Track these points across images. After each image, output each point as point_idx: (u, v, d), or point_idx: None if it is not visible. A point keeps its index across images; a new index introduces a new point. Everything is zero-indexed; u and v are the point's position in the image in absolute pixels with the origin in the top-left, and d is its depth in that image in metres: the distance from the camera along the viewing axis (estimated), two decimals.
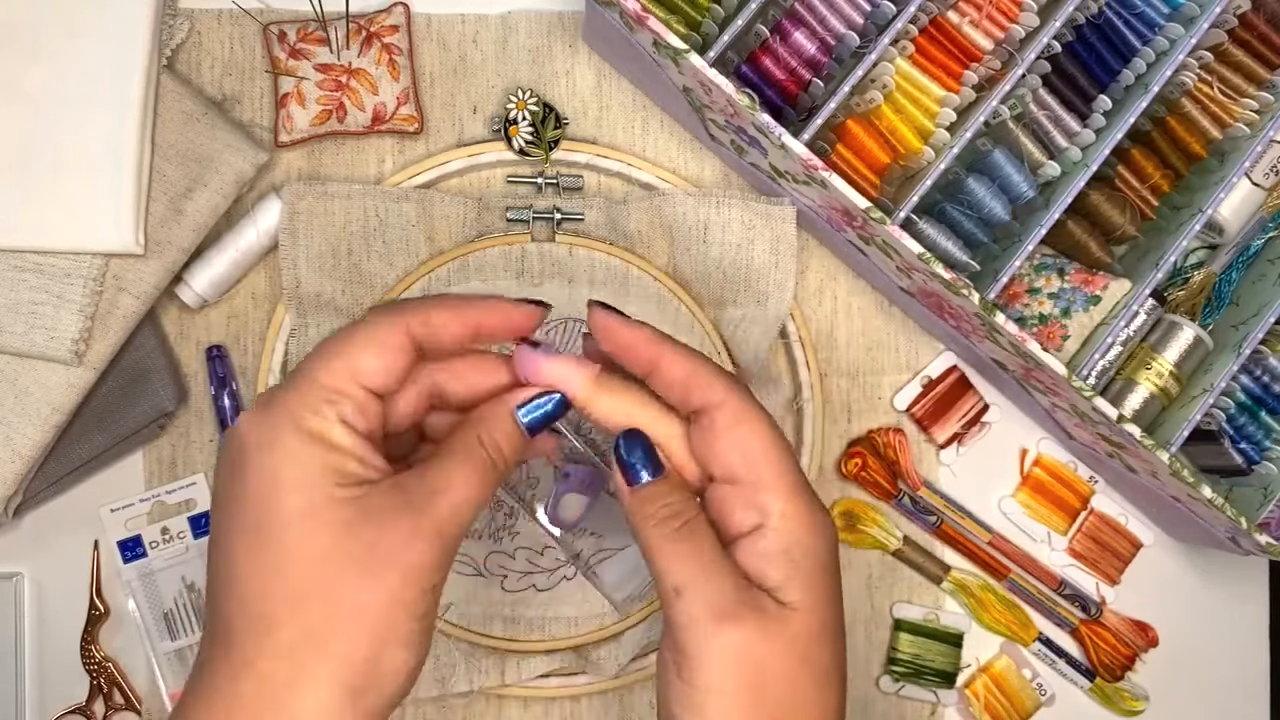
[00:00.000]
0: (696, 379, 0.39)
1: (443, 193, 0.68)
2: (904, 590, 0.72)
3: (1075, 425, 0.68)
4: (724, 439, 0.38)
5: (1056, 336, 0.67)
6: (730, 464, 0.38)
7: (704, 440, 0.39)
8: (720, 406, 0.39)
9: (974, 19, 0.64)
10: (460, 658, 0.65)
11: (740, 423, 0.38)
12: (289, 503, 0.34)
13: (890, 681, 0.71)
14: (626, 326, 0.40)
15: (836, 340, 0.72)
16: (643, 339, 0.40)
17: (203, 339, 0.68)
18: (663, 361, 0.40)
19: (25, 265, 0.62)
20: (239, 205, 0.67)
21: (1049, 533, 0.73)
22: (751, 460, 0.38)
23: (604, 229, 0.68)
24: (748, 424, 0.38)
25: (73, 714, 0.66)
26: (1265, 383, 0.68)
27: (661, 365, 0.40)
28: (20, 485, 0.63)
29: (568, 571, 0.66)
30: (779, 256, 0.68)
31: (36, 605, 0.67)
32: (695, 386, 0.39)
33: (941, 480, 0.73)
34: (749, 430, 0.38)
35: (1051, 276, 0.69)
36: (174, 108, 0.65)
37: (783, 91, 0.65)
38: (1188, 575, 0.74)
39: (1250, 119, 0.66)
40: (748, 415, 0.39)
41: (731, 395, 0.39)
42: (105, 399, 0.65)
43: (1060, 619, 0.72)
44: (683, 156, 0.71)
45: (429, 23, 0.70)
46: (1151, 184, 0.68)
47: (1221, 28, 0.65)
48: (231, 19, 0.69)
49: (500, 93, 0.70)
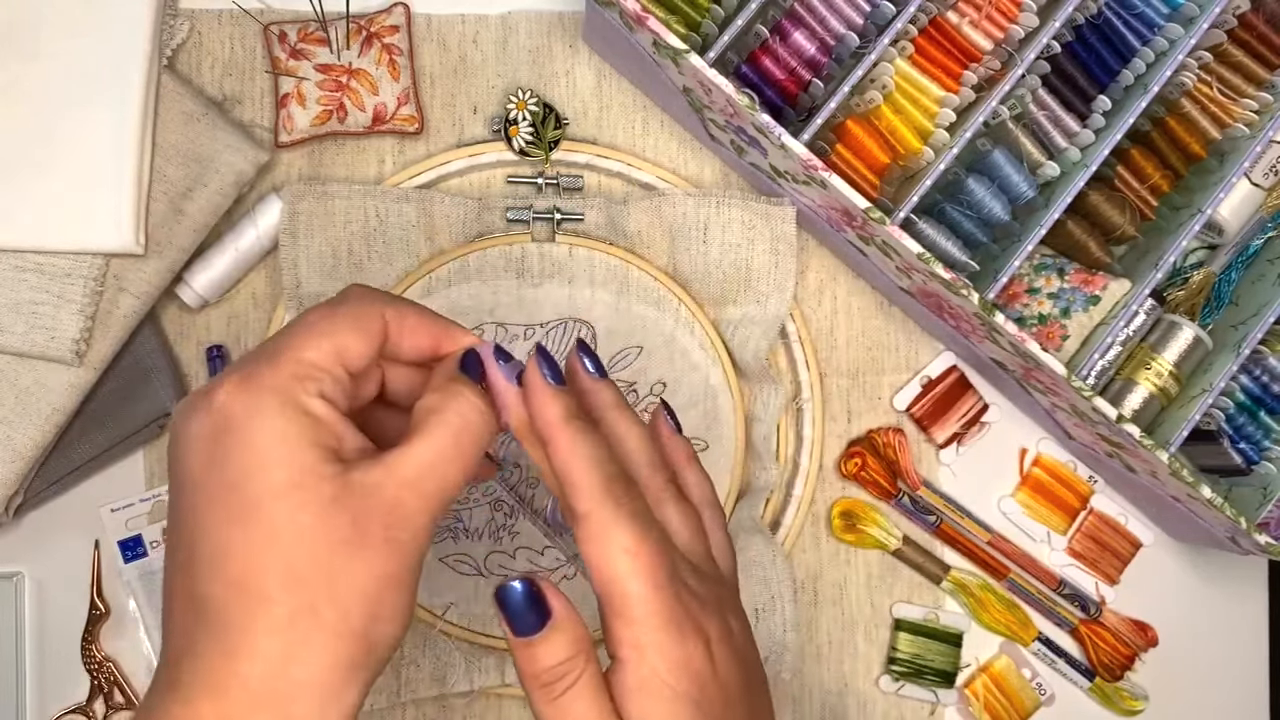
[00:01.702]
0: (569, 482, 0.37)
1: (443, 193, 0.68)
2: (904, 590, 0.72)
3: (1075, 425, 0.68)
4: (587, 552, 0.36)
5: (1056, 336, 0.67)
6: (594, 582, 0.36)
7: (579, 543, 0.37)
8: (585, 518, 0.36)
9: (973, 19, 0.64)
10: (460, 658, 0.66)
11: (597, 540, 0.36)
12: (277, 477, 0.34)
13: (890, 681, 0.71)
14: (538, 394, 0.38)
15: (836, 340, 0.72)
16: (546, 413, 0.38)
17: (203, 339, 0.68)
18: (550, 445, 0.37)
19: (25, 265, 0.62)
20: (239, 205, 0.68)
21: (1048, 532, 0.73)
22: (609, 584, 0.36)
23: (604, 229, 0.68)
24: (606, 544, 0.36)
25: (73, 714, 0.66)
26: (1264, 383, 0.68)
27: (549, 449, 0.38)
28: (21, 485, 0.64)
29: (568, 571, 0.66)
30: (779, 256, 0.68)
31: (37, 605, 0.67)
32: (566, 488, 0.37)
33: (941, 480, 0.73)
34: (607, 552, 0.36)
35: (1051, 276, 0.69)
36: (174, 108, 0.65)
37: (782, 91, 0.65)
38: (1187, 575, 0.74)
39: (1249, 119, 0.66)
40: (606, 535, 0.36)
41: (596, 508, 0.36)
42: (105, 399, 0.65)
43: (1060, 619, 0.73)
44: (683, 156, 0.71)
45: (429, 23, 0.70)
46: (1151, 184, 0.68)
47: (1221, 28, 0.66)
48: (232, 19, 0.69)
49: (500, 93, 0.71)
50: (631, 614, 0.36)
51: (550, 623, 0.36)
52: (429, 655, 0.65)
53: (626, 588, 0.36)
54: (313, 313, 0.37)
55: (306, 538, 0.34)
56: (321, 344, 0.36)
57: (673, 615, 0.36)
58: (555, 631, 0.36)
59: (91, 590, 0.67)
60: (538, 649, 0.36)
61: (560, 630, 0.36)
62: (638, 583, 0.36)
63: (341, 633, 0.34)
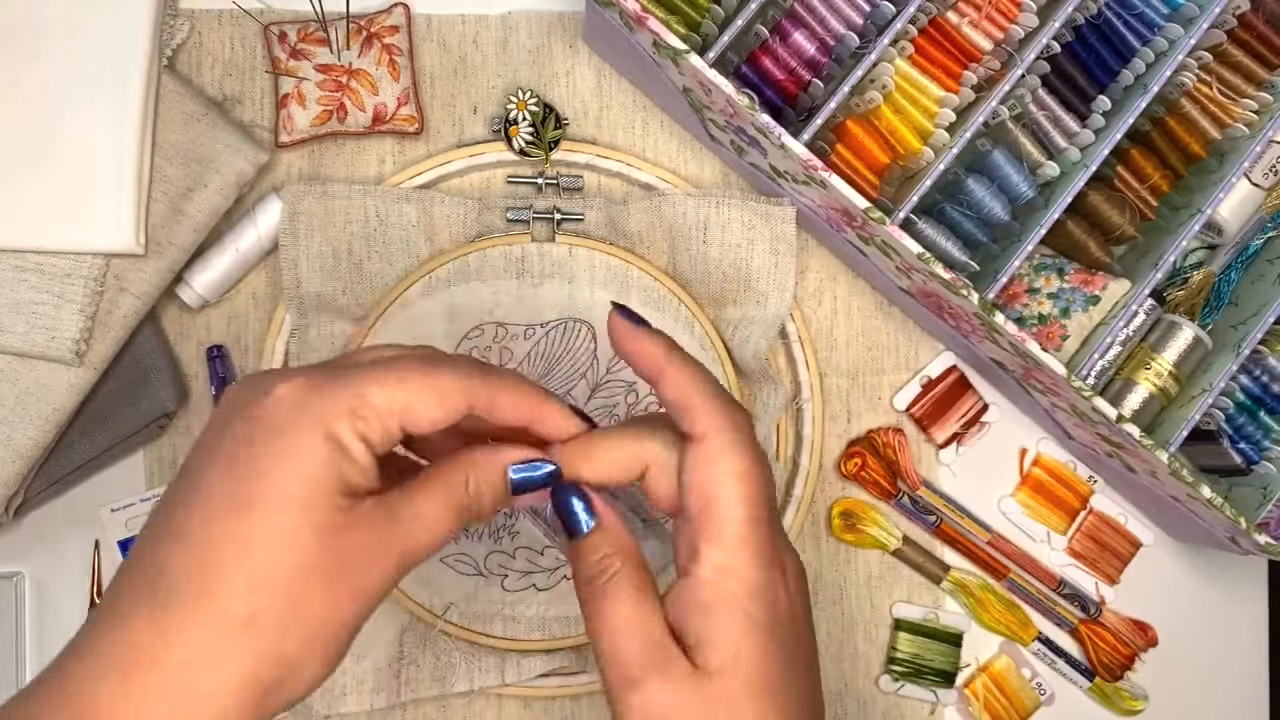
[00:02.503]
0: (687, 406, 0.38)
1: (443, 193, 0.68)
2: (904, 590, 0.72)
3: (1075, 425, 0.68)
4: (692, 474, 0.37)
5: (1056, 336, 0.67)
6: (688, 498, 0.37)
7: (681, 467, 0.38)
8: (701, 440, 0.37)
9: (973, 19, 0.64)
10: (460, 658, 0.66)
11: (711, 463, 0.37)
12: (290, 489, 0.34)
13: (890, 681, 0.71)
14: (635, 336, 0.40)
15: (836, 340, 0.72)
16: (649, 351, 0.39)
17: (203, 339, 0.68)
18: (663, 378, 0.39)
19: (26, 265, 0.62)
20: (239, 205, 0.68)
21: (1048, 532, 0.73)
22: (707, 504, 0.37)
23: (604, 229, 0.68)
24: (718, 465, 0.37)
25: None
26: (1264, 383, 0.68)
27: (662, 381, 0.39)
28: (21, 485, 0.63)
29: (568, 571, 0.66)
30: (779, 256, 0.68)
31: (37, 605, 0.67)
32: (683, 412, 0.38)
33: (941, 480, 0.73)
34: (716, 473, 0.37)
35: (1051, 276, 0.69)
36: (174, 108, 0.65)
37: (782, 92, 0.65)
38: (1187, 575, 0.74)
39: (1249, 119, 0.67)
40: (722, 457, 0.37)
41: (713, 432, 0.37)
42: (106, 399, 0.65)
43: (1060, 618, 0.73)
44: (683, 156, 0.71)
45: (429, 23, 0.70)
46: (1151, 184, 0.68)
47: (1221, 28, 0.66)
48: (232, 19, 0.69)
49: (500, 93, 0.71)
50: (725, 537, 0.37)
51: (596, 523, 0.38)
52: (429, 655, 0.65)
53: (729, 511, 0.36)
54: (412, 360, 0.37)
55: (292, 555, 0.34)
56: (395, 395, 0.36)
57: (764, 546, 0.37)
58: (599, 531, 0.38)
59: (91, 590, 0.67)
60: (585, 544, 0.38)
61: (604, 530, 0.38)
62: (741, 508, 0.37)
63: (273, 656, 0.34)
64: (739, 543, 0.36)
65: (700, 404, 0.38)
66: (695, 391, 0.38)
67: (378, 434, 0.36)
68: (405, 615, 0.66)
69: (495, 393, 0.38)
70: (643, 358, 0.39)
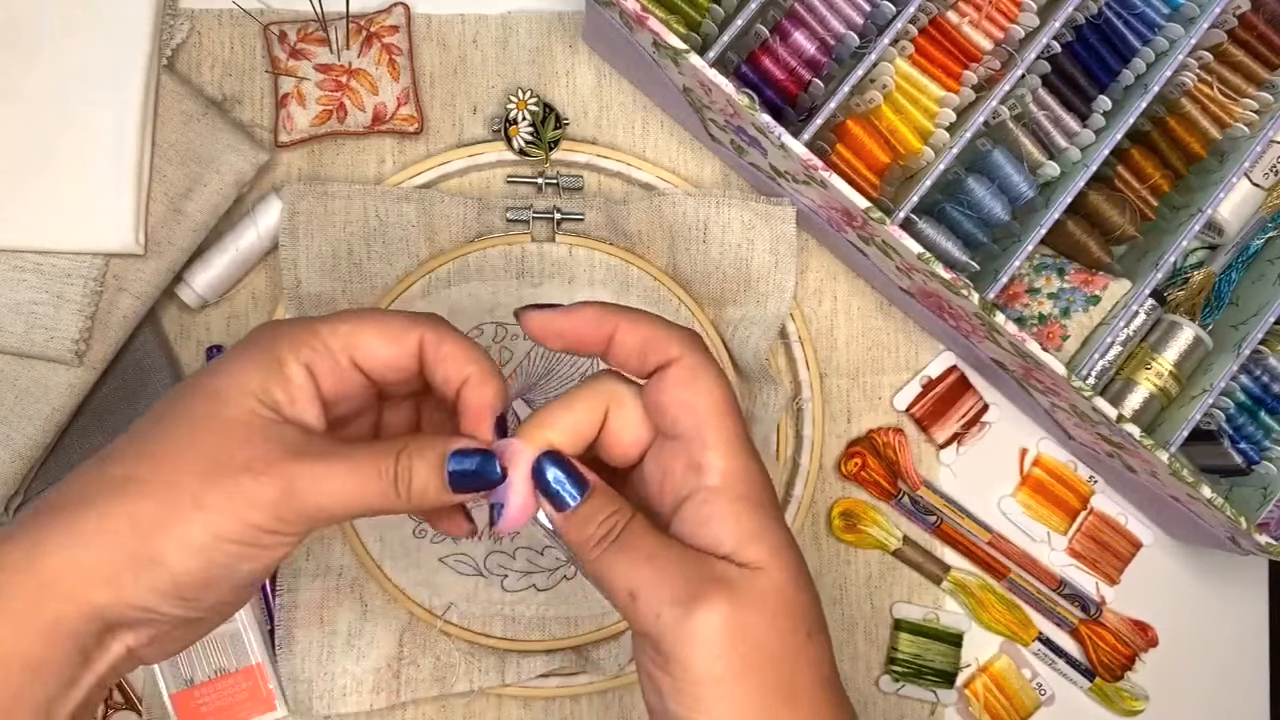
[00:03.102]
0: (654, 341, 0.39)
1: (443, 193, 0.68)
2: (904, 590, 0.72)
3: (1075, 425, 0.68)
4: (672, 394, 0.38)
5: (1056, 336, 0.67)
6: (676, 420, 0.38)
7: (654, 396, 0.39)
8: (676, 362, 0.39)
9: (973, 19, 0.64)
10: (460, 658, 0.66)
11: (692, 380, 0.38)
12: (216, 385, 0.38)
13: (890, 681, 0.71)
14: (565, 314, 0.40)
15: (836, 340, 0.72)
16: (590, 319, 0.40)
17: (203, 339, 0.68)
18: (618, 333, 0.39)
19: (25, 265, 0.62)
20: (239, 205, 0.67)
21: (1049, 533, 0.73)
22: (697, 418, 0.38)
23: (604, 229, 0.68)
24: (699, 381, 0.38)
25: None
26: (1265, 383, 0.68)
27: (617, 337, 0.40)
28: (21, 485, 0.64)
29: (568, 571, 0.66)
30: (779, 256, 0.68)
31: None
32: (652, 349, 0.39)
33: (941, 480, 0.73)
34: (698, 388, 0.38)
35: (1051, 276, 0.69)
36: (174, 108, 0.65)
37: (783, 91, 0.65)
38: (1187, 575, 0.74)
39: (1250, 119, 0.66)
40: (700, 373, 0.38)
41: (687, 352, 0.39)
42: (105, 399, 0.65)
43: (1060, 619, 0.73)
44: (683, 156, 0.71)
45: (429, 23, 0.70)
46: (1151, 184, 0.68)
47: (1221, 28, 0.66)
48: (232, 19, 0.69)
49: (500, 93, 0.71)
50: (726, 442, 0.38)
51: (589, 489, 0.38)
52: (429, 655, 0.65)
53: (723, 419, 0.38)
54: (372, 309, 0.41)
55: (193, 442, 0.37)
56: (341, 327, 0.39)
57: (750, 443, 0.39)
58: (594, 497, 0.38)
59: None
60: (584, 510, 0.38)
61: (600, 493, 0.38)
62: (731, 413, 0.38)
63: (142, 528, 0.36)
64: (739, 445, 0.38)
65: (665, 332, 0.39)
66: (655, 324, 0.39)
67: (326, 363, 0.39)
68: (405, 615, 0.66)
69: (443, 340, 0.40)
70: (585, 326, 0.40)
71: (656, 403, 0.39)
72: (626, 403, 0.40)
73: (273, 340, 0.39)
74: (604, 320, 0.39)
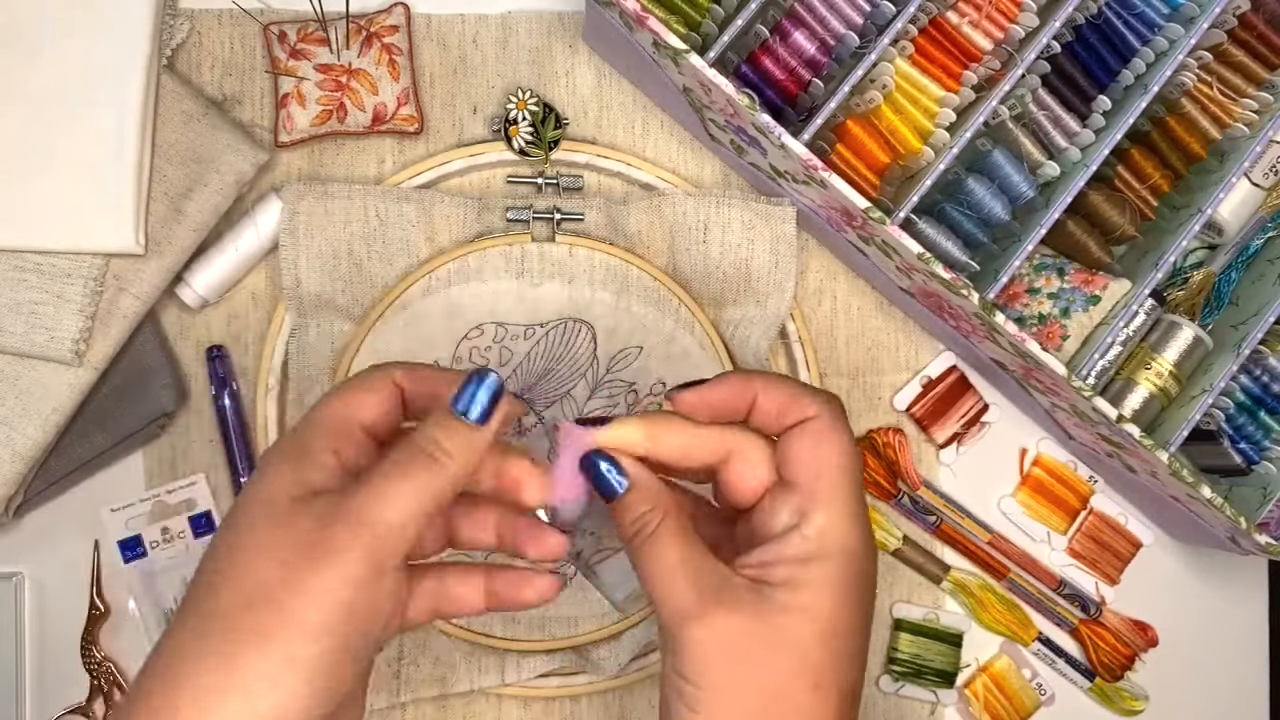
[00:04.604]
0: (795, 396, 0.41)
1: (443, 193, 0.68)
2: (904, 590, 0.72)
3: (1075, 425, 0.68)
4: (799, 444, 0.40)
5: (1056, 336, 0.67)
6: (797, 470, 0.40)
7: (784, 445, 0.41)
8: (815, 419, 0.41)
9: (973, 19, 0.64)
10: (460, 658, 0.66)
11: (824, 439, 0.40)
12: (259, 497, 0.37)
13: (890, 681, 0.71)
14: (711, 388, 0.42)
15: (836, 340, 0.72)
16: (733, 389, 0.42)
17: (203, 339, 0.68)
18: (760, 397, 0.42)
19: (25, 265, 0.62)
20: (239, 205, 0.67)
21: (1049, 532, 0.73)
22: (817, 474, 0.40)
23: (604, 229, 0.68)
24: (830, 442, 0.40)
25: (73, 714, 0.66)
26: (1265, 383, 0.68)
27: (759, 401, 0.42)
28: (21, 485, 0.64)
29: (568, 571, 0.66)
30: (779, 256, 0.68)
31: (36, 605, 0.67)
32: (791, 409, 0.41)
33: (941, 480, 0.73)
34: (829, 449, 0.40)
35: (1051, 276, 0.69)
36: (174, 108, 0.65)
37: (783, 91, 0.65)
38: (1187, 575, 0.74)
39: (1250, 119, 0.66)
40: (832, 434, 0.40)
41: (825, 411, 0.41)
42: (105, 399, 0.65)
43: (1060, 619, 0.73)
44: (683, 156, 0.71)
45: (429, 23, 0.70)
46: (1151, 184, 0.68)
47: (1221, 28, 0.66)
48: (232, 19, 0.69)
49: (500, 93, 0.71)
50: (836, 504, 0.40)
51: (629, 483, 0.41)
52: (429, 655, 0.65)
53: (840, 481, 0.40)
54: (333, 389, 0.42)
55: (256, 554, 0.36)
56: (333, 405, 0.40)
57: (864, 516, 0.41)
58: (633, 491, 0.41)
59: (91, 590, 0.67)
60: (627, 500, 0.41)
61: (637, 490, 0.41)
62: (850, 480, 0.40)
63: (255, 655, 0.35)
64: (847, 511, 0.40)
65: (805, 392, 0.41)
66: (794, 385, 0.42)
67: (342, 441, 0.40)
68: None
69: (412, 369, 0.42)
70: (729, 399, 0.42)
71: (785, 451, 0.41)
72: (751, 455, 0.41)
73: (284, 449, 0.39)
74: (746, 388, 0.42)
